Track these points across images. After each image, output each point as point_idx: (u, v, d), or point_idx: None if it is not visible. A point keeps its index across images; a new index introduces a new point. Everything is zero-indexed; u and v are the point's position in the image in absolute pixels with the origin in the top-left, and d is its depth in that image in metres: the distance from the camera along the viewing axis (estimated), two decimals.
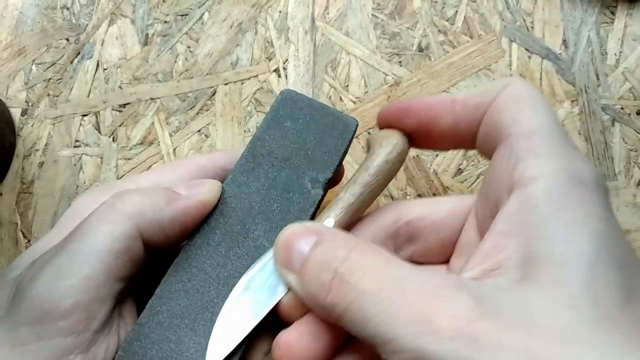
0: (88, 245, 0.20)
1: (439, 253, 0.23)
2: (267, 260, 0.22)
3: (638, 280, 0.16)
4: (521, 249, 0.17)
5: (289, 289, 0.20)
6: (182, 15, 0.39)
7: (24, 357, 0.19)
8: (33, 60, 0.38)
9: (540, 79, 0.36)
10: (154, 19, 0.39)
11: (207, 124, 0.36)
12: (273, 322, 0.21)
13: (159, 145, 0.36)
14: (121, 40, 0.39)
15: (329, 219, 0.22)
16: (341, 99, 0.36)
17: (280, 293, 0.21)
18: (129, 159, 0.36)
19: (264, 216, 0.23)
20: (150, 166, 0.35)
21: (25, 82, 0.38)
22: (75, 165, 0.36)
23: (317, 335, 0.19)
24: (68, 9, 0.40)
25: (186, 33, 0.38)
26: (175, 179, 0.24)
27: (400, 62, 0.37)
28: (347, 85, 0.36)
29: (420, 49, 0.37)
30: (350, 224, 0.23)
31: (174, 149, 0.36)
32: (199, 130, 0.36)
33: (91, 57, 0.38)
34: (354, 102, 0.36)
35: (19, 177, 0.36)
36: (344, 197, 0.23)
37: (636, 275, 0.16)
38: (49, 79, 0.38)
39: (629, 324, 0.15)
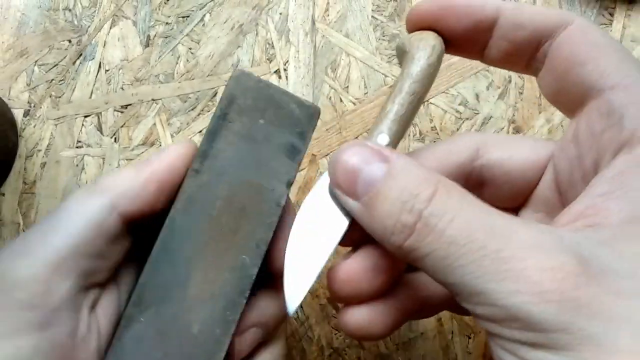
0: (57, 221, 0.19)
1: (508, 200, 0.22)
2: (321, 185, 0.20)
3: None
4: (625, 209, 0.15)
5: (351, 218, 0.19)
6: (183, 17, 0.39)
7: None
8: (35, 62, 0.39)
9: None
10: (155, 20, 0.39)
11: None
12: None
13: (160, 146, 0.36)
14: (123, 42, 0.39)
15: (382, 135, 0.20)
16: (341, 100, 0.36)
17: (342, 225, 0.19)
18: (131, 159, 0.36)
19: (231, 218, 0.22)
20: None
21: (28, 83, 0.38)
22: (77, 165, 0.36)
23: (379, 268, 0.18)
24: (70, 10, 0.40)
25: (187, 35, 0.39)
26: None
27: (399, 63, 0.37)
28: (347, 87, 0.37)
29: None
30: (401, 137, 0.21)
31: None
32: (200, 131, 0.36)
33: (93, 59, 0.38)
34: (354, 104, 0.36)
35: (22, 177, 0.36)
36: (394, 109, 0.21)
37: None
38: (51, 80, 0.38)
39: None
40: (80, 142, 0.37)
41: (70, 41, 0.39)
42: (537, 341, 0.14)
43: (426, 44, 0.21)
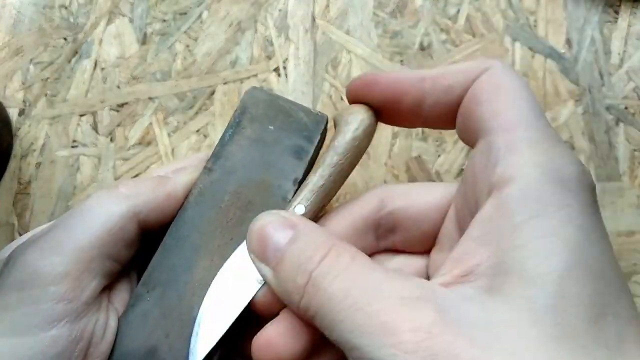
0: (83, 221, 0.21)
1: (420, 244, 0.23)
2: (242, 248, 0.22)
3: (612, 293, 0.15)
4: (492, 257, 0.16)
5: (264, 282, 0.20)
6: (180, 14, 0.38)
7: (15, 321, 0.19)
8: (30, 60, 0.38)
9: (544, 78, 0.35)
10: (152, 17, 0.38)
11: (206, 124, 0.36)
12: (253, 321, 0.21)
13: (157, 145, 0.35)
14: (119, 39, 0.38)
15: (300, 206, 0.22)
16: (342, 98, 0.36)
17: (253, 287, 0.21)
18: (127, 159, 0.35)
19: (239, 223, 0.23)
20: (148, 167, 0.35)
21: (23, 82, 0.38)
22: (72, 165, 0.35)
23: (297, 332, 0.19)
24: (66, 8, 0.39)
25: (185, 32, 0.38)
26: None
27: (401, 60, 0.36)
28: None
29: (422, 48, 0.37)
30: (321, 207, 0.22)
31: (173, 149, 0.35)
32: (198, 130, 0.36)
33: (89, 57, 0.38)
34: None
35: (16, 177, 0.36)
36: (313, 180, 0.22)
37: (612, 287, 0.15)
38: (47, 79, 0.37)
39: (595, 341, 0.14)
40: (75, 141, 0.36)
41: (65, 39, 0.38)
42: None
43: (353, 118, 0.22)
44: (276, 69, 0.37)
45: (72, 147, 0.36)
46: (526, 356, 0.14)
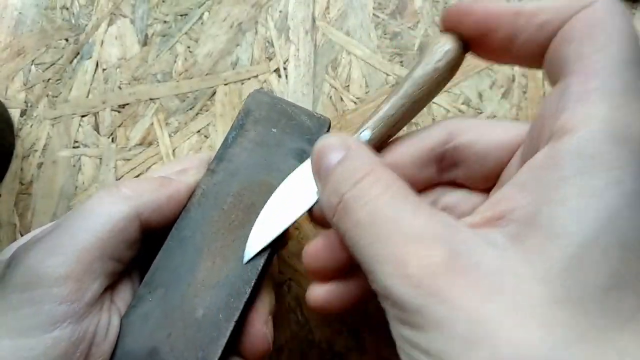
0: (85, 222, 0.21)
1: (483, 181, 0.22)
2: (306, 164, 0.23)
3: (637, 267, 0.14)
4: (528, 206, 0.15)
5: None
6: (181, 15, 0.39)
7: (17, 322, 0.19)
8: (32, 61, 0.38)
9: (543, 79, 0.35)
10: (153, 19, 0.39)
11: (207, 125, 0.36)
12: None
13: (158, 146, 0.36)
14: (120, 41, 0.38)
15: (366, 132, 0.21)
16: (342, 99, 0.36)
17: (312, 199, 0.22)
18: (128, 159, 0.35)
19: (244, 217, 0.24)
20: (149, 167, 0.35)
21: (24, 83, 0.38)
22: (74, 166, 0.36)
23: (340, 247, 0.21)
24: (67, 9, 0.39)
25: (186, 33, 0.38)
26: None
27: (401, 62, 0.37)
28: (348, 86, 0.36)
29: (421, 49, 0.37)
30: (388, 137, 0.22)
31: (174, 150, 0.35)
32: (199, 131, 0.36)
33: (90, 58, 0.38)
34: (355, 103, 0.36)
35: (18, 177, 0.36)
36: (384, 109, 0.21)
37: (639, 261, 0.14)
38: (48, 80, 0.38)
39: (603, 310, 0.14)
40: (77, 142, 0.36)
41: (67, 40, 0.39)
42: (402, 318, 0.16)
43: (439, 48, 0.21)
44: (277, 70, 0.37)
45: (74, 147, 0.36)
46: (523, 312, 0.14)
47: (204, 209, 0.23)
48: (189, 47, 0.38)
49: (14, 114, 0.37)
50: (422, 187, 0.23)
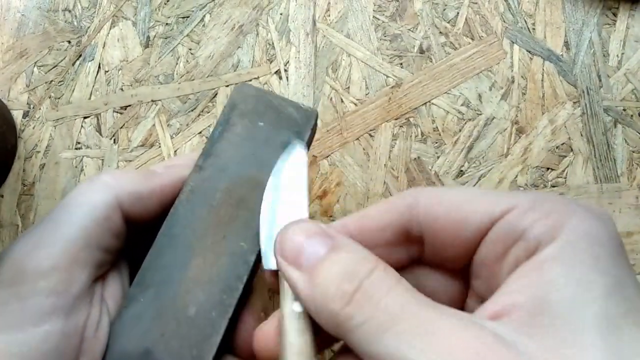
0: (68, 213, 0.20)
1: (449, 263, 0.21)
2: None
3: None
4: (532, 299, 0.16)
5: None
6: (183, 18, 0.39)
7: (5, 318, 0.18)
8: (35, 63, 0.38)
9: (542, 80, 0.36)
10: (155, 21, 0.39)
11: (208, 126, 0.36)
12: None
13: (159, 147, 0.36)
14: (122, 43, 0.39)
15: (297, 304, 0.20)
16: (342, 101, 0.36)
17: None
18: (130, 160, 0.36)
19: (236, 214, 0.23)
20: None
21: (27, 85, 0.38)
22: (76, 167, 0.36)
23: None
24: (70, 11, 0.40)
25: (187, 35, 0.38)
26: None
27: (401, 63, 0.37)
28: (348, 87, 0.36)
29: (421, 51, 0.37)
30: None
31: (175, 151, 0.36)
32: (200, 132, 0.36)
33: (92, 59, 0.38)
34: (355, 104, 0.36)
35: (20, 179, 0.36)
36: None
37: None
38: (51, 81, 0.38)
39: None
40: (79, 143, 0.36)
41: (69, 42, 0.39)
42: None
43: None
44: (277, 72, 0.37)
45: (76, 148, 0.36)
46: None
47: (193, 205, 0.23)
48: (190, 49, 0.38)
49: (17, 115, 0.37)
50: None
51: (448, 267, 0.21)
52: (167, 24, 0.39)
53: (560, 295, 0.15)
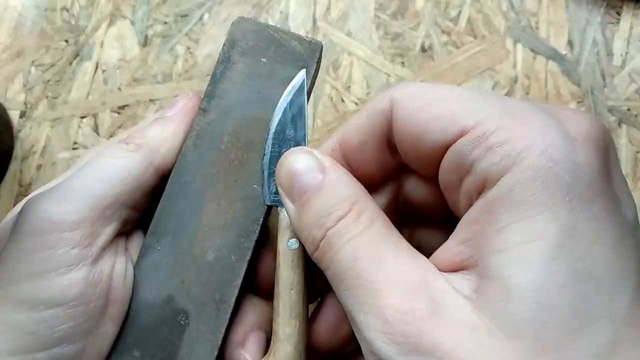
0: (97, 170, 0.21)
1: (424, 169, 0.19)
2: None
3: (604, 294, 0.14)
4: (478, 261, 0.16)
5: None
6: (182, 16, 0.39)
7: (31, 266, 0.19)
8: (32, 62, 0.38)
9: (546, 79, 0.35)
10: (153, 20, 0.38)
11: None
12: None
13: None
14: (120, 42, 0.38)
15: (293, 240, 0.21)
16: (343, 100, 0.36)
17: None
18: None
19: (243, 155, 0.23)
20: None
21: (24, 84, 0.38)
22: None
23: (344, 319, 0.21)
24: (67, 10, 0.39)
25: (186, 34, 0.38)
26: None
27: (403, 62, 0.36)
28: (349, 87, 0.36)
29: (423, 50, 0.36)
30: None
31: None
32: None
33: (90, 59, 0.38)
34: (356, 104, 0.36)
35: (17, 179, 0.36)
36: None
37: (605, 288, 0.14)
38: (48, 81, 0.38)
39: (581, 351, 0.14)
40: (76, 143, 0.36)
41: (67, 41, 0.38)
42: None
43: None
44: None
45: (73, 149, 0.36)
46: None
47: (201, 150, 0.22)
48: (189, 48, 0.38)
49: (14, 115, 0.37)
50: (385, 175, 0.21)
51: (428, 175, 0.19)
52: (165, 22, 0.38)
53: (501, 259, 0.15)
